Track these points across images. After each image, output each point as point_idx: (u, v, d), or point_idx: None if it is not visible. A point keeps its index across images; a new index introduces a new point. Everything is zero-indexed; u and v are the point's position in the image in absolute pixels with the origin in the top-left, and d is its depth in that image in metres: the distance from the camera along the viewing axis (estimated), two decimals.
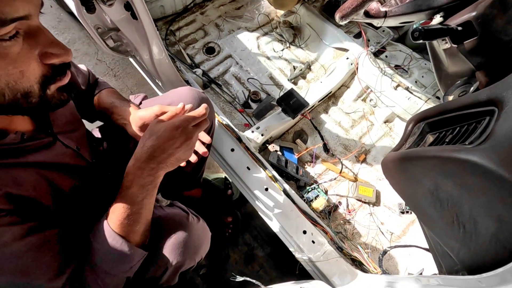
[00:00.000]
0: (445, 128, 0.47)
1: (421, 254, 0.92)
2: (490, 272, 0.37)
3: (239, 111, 1.41)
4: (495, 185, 0.34)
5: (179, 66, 1.32)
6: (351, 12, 0.58)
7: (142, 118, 0.77)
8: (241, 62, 1.55)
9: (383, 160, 0.57)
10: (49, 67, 0.47)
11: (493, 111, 0.39)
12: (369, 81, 1.41)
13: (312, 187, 1.23)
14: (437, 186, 0.42)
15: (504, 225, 0.35)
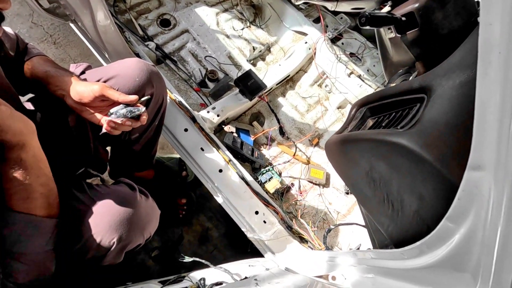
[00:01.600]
0: (383, 113, 0.50)
1: (360, 231, 0.99)
2: (410, 245, 0.41)
3: (195, 90, 1.35)
4: (418, 166, 0.37)
5: (128, 37, 1.21)
6: None
7: (80, 93, 0.71)
8: (198, 38, 1.48)
9: (326, 142, 0.59)
10: None
11: (423, 98, 0.42)
12: (325, 67, 1.45)
13: (267, 169, 1.26)
14: (372, 167, 0.45)
15: (424, 203, 0.39)
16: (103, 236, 0.68)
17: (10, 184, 0.55)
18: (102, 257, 0.73)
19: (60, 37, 1.65)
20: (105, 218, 0.69)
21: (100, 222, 0.69)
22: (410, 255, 0.44)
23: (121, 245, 0.72)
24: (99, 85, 0.70)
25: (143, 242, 0.80)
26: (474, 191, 0.29)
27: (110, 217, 0.70)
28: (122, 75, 0.82)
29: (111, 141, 1.01)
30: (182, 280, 0.79)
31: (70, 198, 0.71)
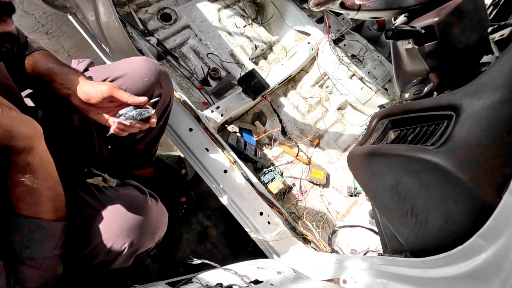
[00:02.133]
0: (406, 127, 0.51)
1: (361, 233, 1.02)
2: (434, 256, 0.43)
3: (198, 88, 1.33)
4: (450, 184, 0.39)
5: (131, 32, 1.17)
6: (328, 1, 0.57)
7: (87, 93, 0.68)
8: (200, 34, 1.45)
9: (349, 153, 0.60)
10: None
11: (451, 116, 0.43)
12: (327, 68, 1.46)
13: (269, 170, 1.26)
14: (398, 181, 0.46)
15: (450, 220, 0.40)
16: (114, 241, 0.68)
17: (17, 189, 0.54)
18: (112, 261, 0.72)
19: (53, 27, 1.58)
20: (116, 224, 0.68)
21: (111, 227, 0.68)
22: (431, 265, 0.46)
23: (132, 250, 0.71)
24: (108, 86, 0.68)
25: (153, 245, 0.79)
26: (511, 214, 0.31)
27: (121, 223, 0.69)
28: (131, 75, 0.80)
29: (115, 141, 0.99)
30: (191, 282, 0.79)
31: (77, 201, 0.69)
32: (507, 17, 0.87)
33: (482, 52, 0.65)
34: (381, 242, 0.64)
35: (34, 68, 0.73)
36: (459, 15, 0.59)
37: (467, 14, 0.58)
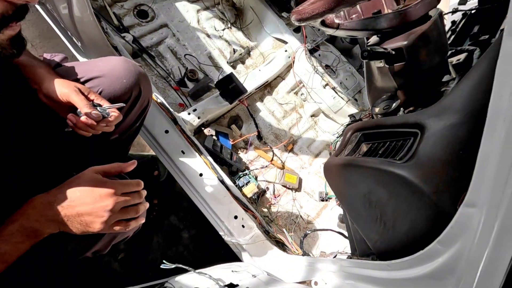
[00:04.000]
0: (377, 141, 0.56)
1: (333, 236, 1.08)
2: (399, 260, 0.48)
3: (174, 89, 1.32)
4: (415, 196, 0.43)
5: (105, 28, 1.13)
6: (310, 18, 0.61)
7: (50, 92, 0.67)
8: (178, 34, 1.43)
9: (325, 163, 0.64)
10: (11, 6, 0.45)
11: (417, 134, 0.48)
12: (303, 76, 1.51)
13: (244, 173, 1.28)
14: (370, 191, 0.50)
15: (414, 227, 0.45)
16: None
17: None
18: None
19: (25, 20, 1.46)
20: None
21: None
22: (396, 268, 0.51)
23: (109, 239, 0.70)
24: (69, 90, 0.66)
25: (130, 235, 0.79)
26: (465, 223, 0.35)
27: None
28: (108, 76, 0.78)
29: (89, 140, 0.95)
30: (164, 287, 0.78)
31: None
32: (462, 42, 0.98)
33: (443, 73, 0.73)
34: (350, 245, 0.68)
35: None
36: (425, 40, 0.66)
37: (432, 39, 0.64)
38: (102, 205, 0.56)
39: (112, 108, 0.68)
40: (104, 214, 0.56)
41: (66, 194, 0.56)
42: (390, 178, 0.46)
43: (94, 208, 0.56)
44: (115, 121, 0.69)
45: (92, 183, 0.57)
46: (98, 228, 0.56)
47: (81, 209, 0.56)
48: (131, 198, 0.60)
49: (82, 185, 0.57)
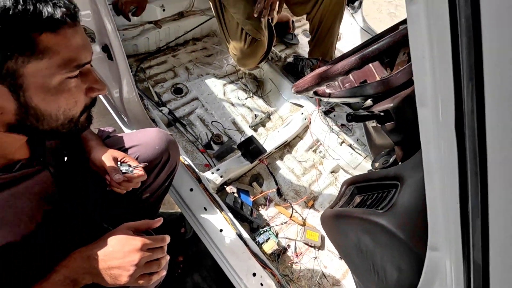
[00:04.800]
0: (367, 193, 0.61)
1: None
2: None
3: (201, 151, 1.48)
4: (395, 243, 0.46)
5: (146, 105, 1.37)
6: (304, 90, 0.73)
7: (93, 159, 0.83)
8: (206, 105, 1.66)
9: (321, 215, 0.68)
10: (90, 99, 0.59)
11: (397, 185, 0.53)
12: (319, 135, 1.61)
13: (264, 230, 1.31)
14: (359, 239, 0.53)
15: (403, 273, 0.47)
16: None
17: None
18: None
19: None
20: None
21: None
22: None
23: None
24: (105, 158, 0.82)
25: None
26: (435, 267, 0.38)
27: None
28: (144, 144, 0.95)
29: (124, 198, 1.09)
30: None
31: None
32: None
33: None
34: None
35: None
36: (410, 102, 0.74)
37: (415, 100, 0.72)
38: (129, 260, 0.64)
39: (138, 168, 0.82)
40: (130, 268, 0.64)
41: (101, 249, 0.65)
42: (372, 226, 0.50)
43: (123, 262, 0.64)
44: (138, 178, 0.82)
45: (123, 239, 0.67)
46: (124, 281, 0.64)
47: (112, 263, 0.64)
48: (154, 253, 0.68)
49: (114, 241, 0.66)
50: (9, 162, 0.62)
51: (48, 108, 0.53)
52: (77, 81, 0.54)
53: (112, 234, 0.69)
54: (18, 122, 0.53)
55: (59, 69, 0.50)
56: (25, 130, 0.56)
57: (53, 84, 0.51)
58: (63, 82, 0.52)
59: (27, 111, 0.52)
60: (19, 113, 0.52)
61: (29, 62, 0.47)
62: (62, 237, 0.76)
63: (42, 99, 0.52)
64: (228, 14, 1.50)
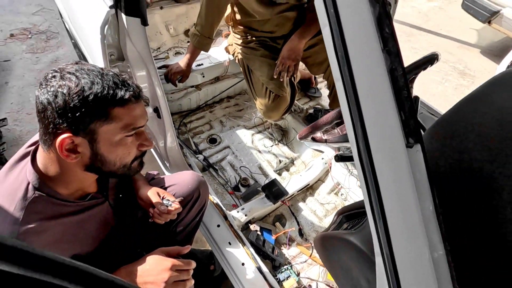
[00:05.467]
0: (353, 219, 0.71)
1: None
2: None
3: (229, 193, 1.66)
4: (362, 257, 0.56)
5: (185, 153, 1.64)
6: (304, 137, 0.90)
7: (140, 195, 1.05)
8: (236, 152, 1.89)
9: (314, 239, 0.80)
10: (140, 152, 0.82)
11: None
12: (340, 179, 1.71)
13: (286, 268, 1.38)
14: (339, 257, 0.63)
15: (371, 284, 0.55)
16: None
17: None
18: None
19: None
20: None
21: None
22: None
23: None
24: (151, 193, 1.04)
25: None
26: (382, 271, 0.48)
27: None
28: (180, 184, 1.17)
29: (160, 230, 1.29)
30: None
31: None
32: None
33: None
34: None
35: None
36: None
37: None
38: (161, 277, 0.81)
39: (175, 202, 1.02)
40: (161, 284, 0.81)
41: (141, 266, 0.83)
42: (345, 244, 0.60)
43: (156, 278, 0.81)
44: (175, 210, 1.01)
45: (158, 259, 0.85)
46: None
47: (147, 278, 0.82)
48: (182, 274, 0.84)
49: (151, 261, 0.84)
50: (83, 194, 0.87)
51: (110, 156, 0.77)
52: (132, 139, 0.78)
53: (150, 255, 0.87)
54: (90, 164, 0.78)
55: (121, 130, 0.74)
56: (94, 170, 0.80)
57: (115, 140, 0.75)
58: (122, 139, 0.76)
59: (96, 157, 0.76)
60: (91, 158, 0.76)
61: (103, 125, 0.72)
62: (113, 256, 0.95)
63: (106, 149, 0.76)
64: (255, 76, 1.80)
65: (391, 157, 0.41)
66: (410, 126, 0.40)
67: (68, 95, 0.68)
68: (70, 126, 0.70)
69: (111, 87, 0.72)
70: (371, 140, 0.41)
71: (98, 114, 0.71)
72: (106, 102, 0.71)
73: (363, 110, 0.41)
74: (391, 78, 0.40)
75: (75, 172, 0.78)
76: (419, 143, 0.41)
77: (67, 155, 0.72)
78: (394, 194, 0.41)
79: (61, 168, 0.77)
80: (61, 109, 0.68)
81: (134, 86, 0.76)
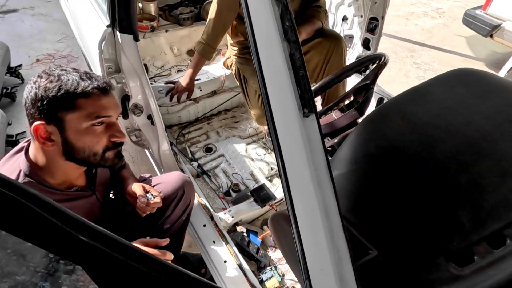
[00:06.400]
0: None
1: None
2: None
3: (220, 198, 1.74)
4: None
5: (179, 159, 1.75)
6: None
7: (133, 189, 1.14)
8: (230, 160, 1.98)
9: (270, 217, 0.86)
10: (111, 142, 0.91)
11: None
12: None
13: (270, 268, 1.42)
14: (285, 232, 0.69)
15: None
16: None
17: None
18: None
19: (138, 158, 2.33)
20: None
21: None
22: None
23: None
24: (136, 186, 1.14)
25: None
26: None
27: None
28: (165, 182, 1.27)
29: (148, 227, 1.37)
30: None
31: None
32: None
33: None
34: None
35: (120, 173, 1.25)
36: None
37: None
38: None
39: (156, 196, 1.11)
40: None
41: None
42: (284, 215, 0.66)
43: None
44: (154, 204, 1.09)
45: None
46: None
47: None
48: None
49: None
50: (71, 186, 0.97)
51: (78, 143, 0.86)
52: (101, 129, 0.87)
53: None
54: (64, 152, 0.87)
55: (85, 119, 0.84)
56: (71, 159, 0.88)
57: (82, 128, 0.85)
58: (89, 128, 0.85)
59: (67, 144, 0.86)
60: (63, 145, 0.86)
61: (68, 114, 0.83)
62: None
63: (74, 137, 0.85)
64: (249, 84, 1.92)
65: (290, 125, 0.49)
66: (305, 99, 0.49)
67: (39, 88, 0.81)
68: (41, 114, 0.81)
69: (76, 80, 0.84)
70: (274, 112, 0.50)
71: (63, 104, 0.82)
72: (70, 94, 0.83)
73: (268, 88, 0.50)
74: (291, 61, 0.49)
75: (57, 161, 0.89)
76: (314, 113, 0.49)
77: (43, 142, 0.84)
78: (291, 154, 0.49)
79: (46, 157, 0.88)
80: (34, 100, 0.81)
81: (101, 81, 0.88)
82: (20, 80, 3.01)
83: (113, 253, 0.39)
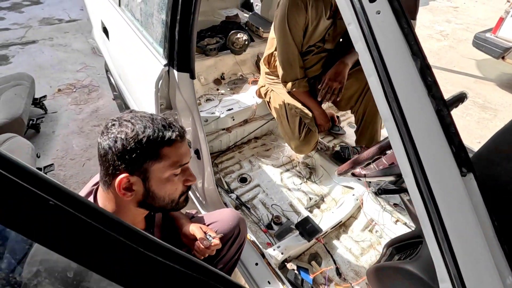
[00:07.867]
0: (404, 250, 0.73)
1: None
2: None
3: (263, 231, 1.68)
4: (421, 284, 0.58)
5: (220, 192, 1.71)
6: (344, 173, 0.96)
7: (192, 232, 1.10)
8: (267, 190, 1.94)
9: (367, 271, 0.81)
10: (186, 187, 0.89)
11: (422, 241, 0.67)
12: (373, 215, 1.70)
13: None
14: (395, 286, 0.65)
15: None
16: None
17: None
18: None
19: None
20: None
21: None
22: None
23: None
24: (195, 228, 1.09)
25: None
26: None
27: None
28: (221, 221, 1.22)
29: None
30: None
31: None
32: None
33: None
34: None
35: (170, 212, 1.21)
36: None
37: None
38: None
39: (216, 237, 1.06)
40: None
41: None
42: (403, 272, 0.62)
43: None
44: (214, 246, 1.04)
45: None
46: None
47: None
48: None
49: None
50: None
51: (160, 192, 0.84)
52: (179, 175, 0.87)
53: None
54: (143, 200, 0.85)
55: (169, 168, 0.82)
56: (145, 206, 0.87)
57: (164, 177, 0.83)
58: (170, 176, 0.84)
59: (148, 193, 0.84)
60: (144, 195, 0.84)
61: (154, 164, 0.81)
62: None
63: (157, 186, 0.84)
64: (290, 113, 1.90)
65: (448, 186, 0.47)
66: (461, 157, 0.47)
67: (126, 140, 0.78)
68: (127, 167, 0.79)
69: (160, 129, 0.83)
70: (428, 172, 0.47)
71: (150, 154, 0.80)
72: (157, 143, 0.81)
73: (418, 147, 0.48)
74: (439, 117, 0.48)
75: (129, 208, 0.86)
76: (471, 171, 0.47)
77: (124, 193, 0.81)
78: (456, 218, 0.46)
79: (117, 205, 0.85)
80: (119, 152, 0.78)
81: (179, 127, 0.86)
82: (44, 111, 3.03)
83: None
